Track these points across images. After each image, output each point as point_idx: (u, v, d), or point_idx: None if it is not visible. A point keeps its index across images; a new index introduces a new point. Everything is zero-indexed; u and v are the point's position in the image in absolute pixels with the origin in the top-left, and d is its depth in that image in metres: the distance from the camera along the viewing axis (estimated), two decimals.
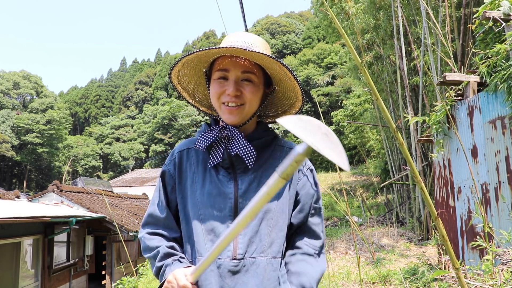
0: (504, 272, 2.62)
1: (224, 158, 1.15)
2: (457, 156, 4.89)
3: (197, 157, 1.22)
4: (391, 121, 0.69)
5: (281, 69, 1.13)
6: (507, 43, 3.78)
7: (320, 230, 1.23)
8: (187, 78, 1.27)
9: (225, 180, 1.16)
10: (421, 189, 0.70)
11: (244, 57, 1.13)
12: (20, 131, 47.54)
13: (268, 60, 1.09)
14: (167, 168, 1.25)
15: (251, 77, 1.14)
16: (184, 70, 1.22)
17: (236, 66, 1.13)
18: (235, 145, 1.14)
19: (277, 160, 1.20)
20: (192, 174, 1.20)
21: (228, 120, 1.15)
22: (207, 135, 1.17)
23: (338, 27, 0.70)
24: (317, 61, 45.50)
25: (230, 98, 1.12)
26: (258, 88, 1.16)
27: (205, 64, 1.21)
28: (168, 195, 1.23)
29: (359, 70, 12.64)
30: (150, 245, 1.18)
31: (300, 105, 1.26)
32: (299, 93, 1.20)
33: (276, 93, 1.27)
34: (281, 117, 1.29)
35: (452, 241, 4.84)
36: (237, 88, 1.12)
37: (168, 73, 1.23)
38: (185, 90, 1.30)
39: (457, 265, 0.75)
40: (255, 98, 1.16)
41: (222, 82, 1.14)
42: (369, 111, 19.08)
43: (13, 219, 5.86)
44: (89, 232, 11.16)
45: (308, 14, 61.74)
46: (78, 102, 74.50)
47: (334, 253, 8.67)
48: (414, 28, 9.59)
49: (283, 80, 1.19)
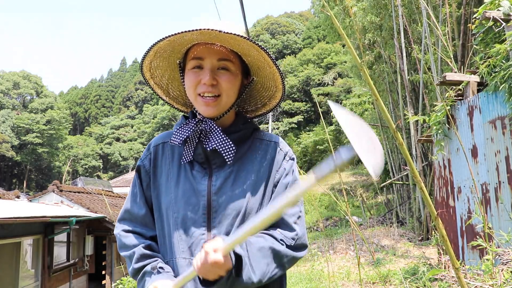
0: (504, 272, 2.62)
1: (198, 153, 1.09)
2: (457, 156, 4.89)
3: (173, 151, 1.15)
4: (390, 121, 0.69)
5: (259, 55, 1.06)
6: (507, 43, 3.78)
7: (293, 222, 1.09)
8: (160, 72, 1.18)
9: (199, 176, 1.09)
10: (421, 189, 0.70)
11: (219, 44, 1.05)
12: (20, 131, 47.55)
13: (245, 44, 1.02)
14: (142, 163, 1.18)
15: (228, 65, 1.07)
16: (157, 61, 1.14)
17: (211, 54, 1.06)
18: (212, 140, 1.07)
19: (256, 153, 1.13)
20: (167, 170, 1.13)
21: (205, 112, 1.08)
22: (183, 129, 1.10)
23: (338, 27, 0.70)
24: (317, 61, 45.46)
25: (206, 88, 1.05)
26: (235, 76, 1.09)
27: (178, 55, 1.13)
28: (144, 192, 1.17)
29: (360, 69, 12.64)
30: (126, 243, 1.12)
31: (280, 95, 1.18)
32: (279, 81, 1.13)
33: (255, 84, 1.20)
34: (262, 110, 1.25)
35: (452, 241, 4.84)
36: (213, 77, 1.05)
37: (139, 64, 1.13)
38: (159, 86, 1.22)
39: (457, 265, 0.75)
40: (233, 87, 1.09)
41: (197, 72, 1.07)
42: (369, 111, 19.08)
43: (13, 219, 5.86)
44: (89, 232, 11.17)
45: (308, 14, 61.74)
46: (78, 102, 74.49)
47: (334, 253, 8.67)
48: (415, 27, 9.59)
49: (261, 68, 1.13)
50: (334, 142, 32.62)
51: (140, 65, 1.13)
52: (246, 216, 1.07)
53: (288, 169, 1.15)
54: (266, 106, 1.26)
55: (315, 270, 6.81)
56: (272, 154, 1.14)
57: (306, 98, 44.44)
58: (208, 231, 1.05)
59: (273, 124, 36.54)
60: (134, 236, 1.13)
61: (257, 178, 1.10)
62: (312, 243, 10.59)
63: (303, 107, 43.87)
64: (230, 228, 1.05)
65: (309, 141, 35.39)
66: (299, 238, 1.09)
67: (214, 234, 1.05)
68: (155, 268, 1.05)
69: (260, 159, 1.13)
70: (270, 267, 1.01)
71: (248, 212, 1.07)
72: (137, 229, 1.14)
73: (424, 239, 8.44)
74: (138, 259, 1.08)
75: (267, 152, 1.14)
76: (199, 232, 1.05)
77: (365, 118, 19.55)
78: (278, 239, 1.05)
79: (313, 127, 41.18)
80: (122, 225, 1.17)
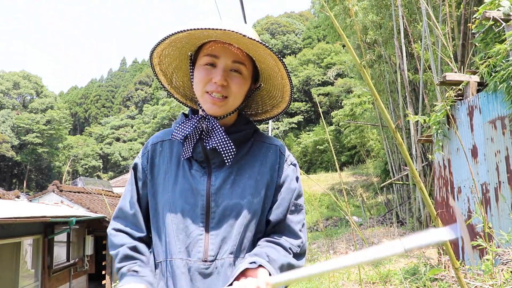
0: (504, 272, 2.62)
1: (198, 151, 1.07)
2: (457, 156, 4.89)
3: (171, 150, 1.13)
4: (390, 122, 0.69)
5: (274, 65, 1.05)
6: (507, 43, 3.78)
7: (299, 229, 1.11)
8: (168, 59, 1.14)
9: (198, 175, 1.07)
10: (421, 189, 0.70)
11: (236, 46, 1.03)
12: (20, 131, 47.57)
13: (263, 52, 1.01)
14: (139, 160, 1.16)
15: (241, 68, 1.05)
16: (169, 49, 1.10)
17: (227, 54, 1.04)
18: (213, 138, 1.05)
19: (256, 157, 1.12)
20: (165, 168, 1.11)
21: (210, 110, 1.06)
22: (185, 125, 1.08)
23: (337, 27, 0.70)
24: (317, 61, 45.49)
25: (216, 88, 1.03)
26: (245, 81, 1.08)
27: (192, 47, 1.10)
28: (139, 190, 1.15)
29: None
30: (114, 242, 1.11)
31: (284, 106, 1.17)
32: (288, 93, 1.12)
33: (261, 90, 1.19)
34: (261, 117, 1.26)
35: (452, 241, 4.84)
36: (225, 78, 1.03)
37: (152, 49, 1.08)
38: (163, 73, 1.18)
39: (457, 265, 0.75)
40: (241, 92, 1.07)
41: (209, 69, 1.05)
42: (369, 111, 19.08)
43: (13, 219, 5.86)
44: (89, 232, 11.17)
45: (308, 14, 61.74)
46: (78, 102, 74.53)
47: (334, 253, 8.67)
48: (415, 26, 9.59)
49: (272, 77, 1.12)
50: (334, 142, 32.61)
51: (152, 50, 1.08)
52: (244, 218, 1.05)
53: (292, 175, 1.14)
54: (267, 113, 1.24)
55: None
56: (273, 157, 1.13)
57: (306, 98, 44.46)
58: (206, 231, 1.03)
59: (273, 124, 36.52)
60: (123, 235, 1.12)
61: (257, 180, 1.08)
62: (312, 243, 10.59)
63: (303, 107, 43.88)
64: (228, 229, 1.03)
65: (309, 141, 35.40)
66: (304, 245, 1.11)
67: (212, 235, 1.02)
68: (130, 270, 1.04)
69: (261, 162, 1.11)
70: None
71: (246, 214, 1.05)
72: (127, 228, 1.13)
73: None
74: (121, 259, 1.07)
75: (267, 155, 1.13)
76: (197, 232, 1.03)
77: (365, 118, 19.55)
78: (287, 248, 1.07)
79: (313, 127, 41.21)
80: (115, 223, 1.15)
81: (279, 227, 1.10)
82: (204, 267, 1.01)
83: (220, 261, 1.02)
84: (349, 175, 24.83)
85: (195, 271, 1.01)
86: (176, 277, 1.01)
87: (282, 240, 1.07)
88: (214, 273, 1.01)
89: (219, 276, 1.01)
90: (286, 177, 1.13)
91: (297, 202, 1.13)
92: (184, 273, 1.01)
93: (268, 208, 1.11)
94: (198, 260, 1.01)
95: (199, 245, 1.02)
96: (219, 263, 1.02)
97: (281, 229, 1.10)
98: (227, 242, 1.03)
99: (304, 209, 1.16)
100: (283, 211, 1.10)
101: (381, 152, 19.18)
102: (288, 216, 1.11)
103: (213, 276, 1.01)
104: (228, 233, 1.03)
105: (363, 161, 26.54)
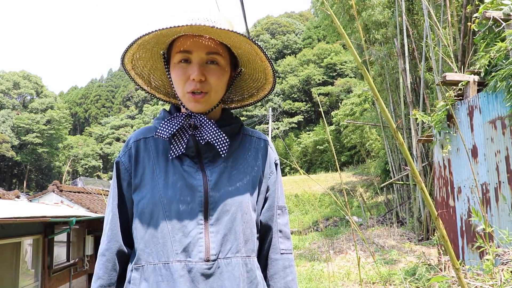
0: (504, 272, 2.62)
1: (189, 146, 1.03)
2: (457, 156, 4.89)
3: (156, 147, 1.08)
4: (391, 121, 0.69)
5: (251, 49, 1.02)
6: (507, 42, 3.78)
7: (289, 231, 1.16)
8: (142, 62, 1.11)
9: (191, 171, 1.02)
10: (421, 189, 0.70)
11: (208, 36, 1.00)
12: (20, 131, 47.58)
13: (236, 38, 0.97)
14: (120, 159, 1.09)
15: (217, 58, 1.02)
16: (140, 53, 1.06)
17: (199, 47, 1.00)
18: (205, 133, 1.02)
19: (247, 149, 1.11)
20: (152, 165, 1.05)
21: (194, 108, 1.03)
22: (171, 122, 1.03)
23: (338, 26, 0.69)
24: (317, 61, 45.52)
25: (195, 85, 1.00)
26: (224, 71, 1.04)
27: (162, 46, 1.06)
28: (124, 192, 1.08)
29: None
30: (96, 270, 1.06)
31: (269, 87, 1.14)
32: (270, 74, 1.09)
33: (243, 75, 1.16)
34: (248, 101, 1.24)
35: (452, 241, 4.84)
36: (202, 73, 1.00)
37: (121, 57, 1.04)
38: (140, 76, 1.14)
39: (457, 265, 0.74)
40: (221, 83, 1.04)
41: (185, 66, 1.01)
42: (369, 110, 19.08)
43: (13, 219, 5.86)
44: (89, 232, 11.16)
45: (308, 14, 61.75)
46: (78, 102, 74.56)
47: (334, 253, 8.66)
48: (417, 25, 9.59)
49: (251, 61, 1.08)
50: (334, 142, 32.61)
51: (121, 58, 1.04)
52: (245, 213, 1.03)
53: (278, 174, 1.18)
54: (254, 97, 1.21)
55: (315, 270, 6.81)
56: (264, 152, 1.14)
57: (306, 98, 44.47)
58: (205, 229, 0.99)
59: (273, 124, 36.50)
60: (104, 267, 1.06)
61: (252, 174, 1.08)
62: (312, 243, 10.59)
63: (303, 107, 43.89)
64: (229, 225, 1.00)
65: (309, 141, 35.41)
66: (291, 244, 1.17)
67: (212, 232, 0.99)
68: None
69: (254, 156, 1.11)
70: None
71: (246, 208, 1.03)
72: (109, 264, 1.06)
73: (424, 239, 8.44)
74: None
75: (258, 149, 1.13)
76: (196, 231, 0.98)
77: (365, 118, 19.55)
78: (291, 259, 1.14)
79: (313, 127, 41.21)
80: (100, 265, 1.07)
81: (273, 231, 1.13)
82: (207, 267, 0.96)
83: (224, 260, 0.98)
84: (349, 175, 24.83)
85: (197, 272, 0.95)
86: (174, 281, 0.95)
87: (278, 243, 1.13)
88: (217, 273, 0.97)
89: (222, 276, 0.97)
90: (275, 178, 1.15)
91: (281, 204, 1.16)
92: (183, 276, 0.95)
93: (261, 205, 1.12)
94: (199, 260, 0.96)
95: (200, 244, 0.97)
96: (223, 262, 0.97)
97: (276, 231, 1.14)
98: (229, 239, 1.00)
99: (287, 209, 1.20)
100: (273, 214, 1.13)
101: (381, 152, 19.17)
102: (278, 220, 1.14)
103: (215, 277, 0.96)
104: (229, 229, 1.00)
105: (363, 161, 26.53)
